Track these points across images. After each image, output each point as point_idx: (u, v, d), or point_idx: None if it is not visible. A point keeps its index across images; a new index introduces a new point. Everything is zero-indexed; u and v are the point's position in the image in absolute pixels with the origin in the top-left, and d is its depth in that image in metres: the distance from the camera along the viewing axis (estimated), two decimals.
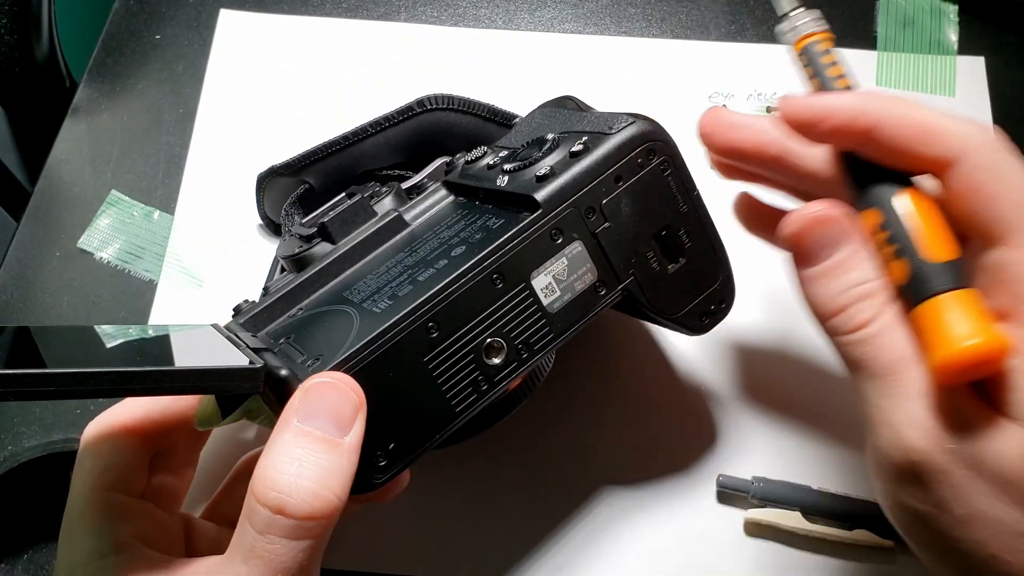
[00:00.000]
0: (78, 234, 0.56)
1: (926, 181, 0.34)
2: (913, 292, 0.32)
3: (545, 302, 0.35)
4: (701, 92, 0.60)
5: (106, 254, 0.55)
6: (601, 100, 0.46)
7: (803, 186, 0.39)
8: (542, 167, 0.36)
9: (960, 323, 0.30)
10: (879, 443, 0.32)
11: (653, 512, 0.48)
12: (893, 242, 0.33)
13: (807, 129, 0.35)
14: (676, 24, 0.62)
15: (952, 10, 0.62)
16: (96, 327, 0.35)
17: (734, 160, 0.40)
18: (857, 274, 0.33)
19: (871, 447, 0.33)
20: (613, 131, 0.36)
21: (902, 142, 0.33)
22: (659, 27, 0.62)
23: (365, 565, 0.47)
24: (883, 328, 0.32)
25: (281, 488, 0.29)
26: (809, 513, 0.46)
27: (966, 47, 0.61)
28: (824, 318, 0.34)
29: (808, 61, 0.37)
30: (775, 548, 0.47)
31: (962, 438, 0.30)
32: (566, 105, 0.45)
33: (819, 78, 0.37)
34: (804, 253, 0.35)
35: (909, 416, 0.31)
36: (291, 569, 0.29)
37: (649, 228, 0.37)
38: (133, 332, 0.36)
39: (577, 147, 0.36)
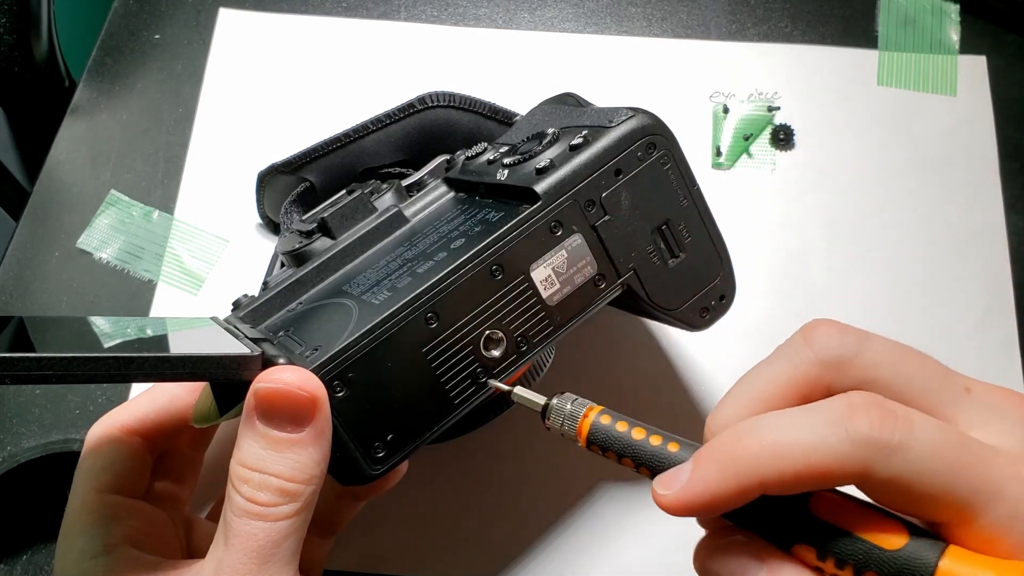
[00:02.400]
0: (77, 234, 0.56)
1: None
2: None
3: (544, 295, 0.35)
4: (701, 92, 0.60)
5: (105, 254, 0.55)
6: (602, 100, 0.46)
7: None
8: (542, 160, 0.36)
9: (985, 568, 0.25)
10: None
11: (653, 512, 0.47)
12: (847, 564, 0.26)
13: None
14: (676, 24, 0.62)
15: (953, 9, 0.62)
16: (96, 318, 0.35)
17: None
18: None
19: None
20: (613, 124, 0.36)
21: (794, 490, 0.26)
22: (659, 26, 0.62)
23: (365, 565, 0.47)
24: None
25: (251, 484, 0.31)
26: None
27: (967, 46, 0.61)
28: None
29: (607, 445, 0.31)
30: None
31: None
32: (566, 101, 0.45)
33: (632, 455, 0.30)
34: None
35: None
36: (266, 547, 0.31)
37: (649, 222, 0.37)
38: (134, 323, 0.36)
39: (577, 140, 0.36)
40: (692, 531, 0.47)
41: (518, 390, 0.34)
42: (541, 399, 0.33)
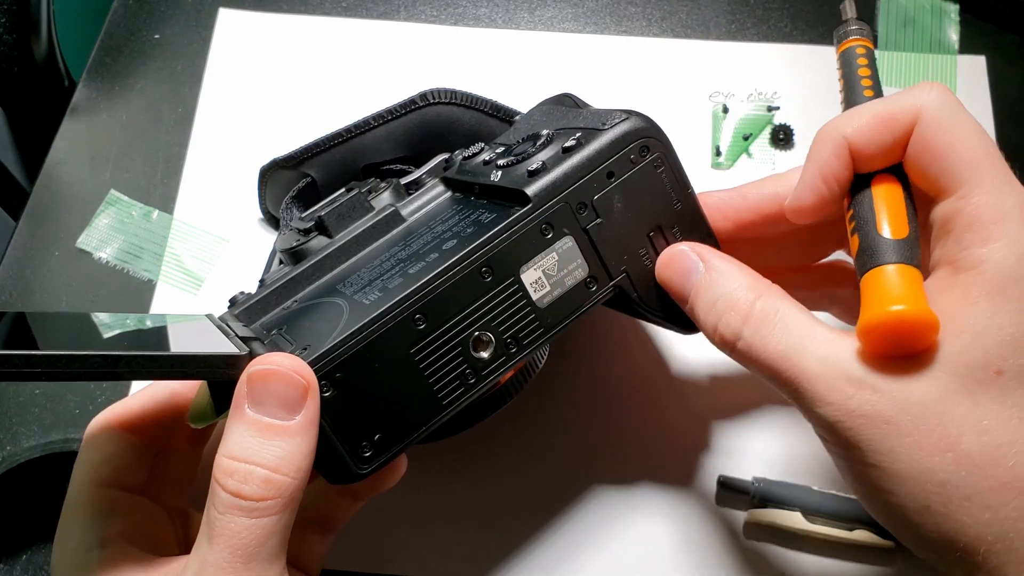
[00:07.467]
0: (77, 234, 0.56)
1: None
2: (860, 264, 0.33)
3: (534, 297, 0.35)
4: (701, 92, 0.60)
5: (105, 254, 0.55)
6: (601, 99, 0.46)
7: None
8: (534, 162, 0.36)
9: (893, 292, 0.31)
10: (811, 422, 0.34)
11: (653, 512, 0.47)
12: (853, 220, 0.35)
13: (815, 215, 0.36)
14: (676, 23, 0.62)
15: (953, 9, 0.61)
16: (92, 314, 0.35)
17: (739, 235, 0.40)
18: (717, 289, 0.35)
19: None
20: (606, 127, 0.36)
21: (875, 144, 0.34)
22: (659, 26, 0.62)
23: (365, 565, 0.47)
24: (757, 329, 0.34)
25: (236, 476, 0.31)
26: (809, 513, 0.46)
27: (967, 46, 0.60)
28: (711, 339, 0.36)
29: (843, 64, 0.39)
30: (775, 549, 0.46)
31: (873, 402, 0.31)
32: (564, 102, 0.45)
33: (846, 79, 0.39)
34: (676, 290, 0.37)
35: (818, 397, 0.32)
36: (251, 545, 0.30)
37: (642, 225, 0.37)
38: (128, 320, 0.36)
39: (570, 143, 0.36)
40: (692, 531, 0.47)
41: None
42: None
